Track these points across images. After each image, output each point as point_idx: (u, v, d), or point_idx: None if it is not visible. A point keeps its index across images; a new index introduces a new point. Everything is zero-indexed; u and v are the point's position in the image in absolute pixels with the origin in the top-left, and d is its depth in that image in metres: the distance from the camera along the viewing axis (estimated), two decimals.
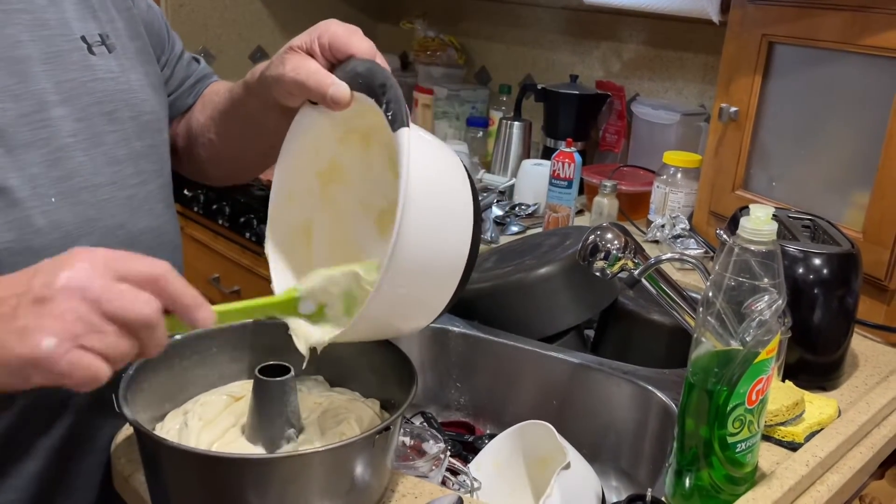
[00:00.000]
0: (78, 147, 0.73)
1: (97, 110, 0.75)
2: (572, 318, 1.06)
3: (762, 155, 1.27)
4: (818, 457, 0.76)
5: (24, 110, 0.69)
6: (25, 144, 0.69)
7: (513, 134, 1.76)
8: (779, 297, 0.65)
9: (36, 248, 0.69)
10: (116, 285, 0.51)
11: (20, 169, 0.68)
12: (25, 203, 0.68)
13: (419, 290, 0.63)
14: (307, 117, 0.71)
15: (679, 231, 1.37)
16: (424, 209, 0.59)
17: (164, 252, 0.80)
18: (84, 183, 0.73)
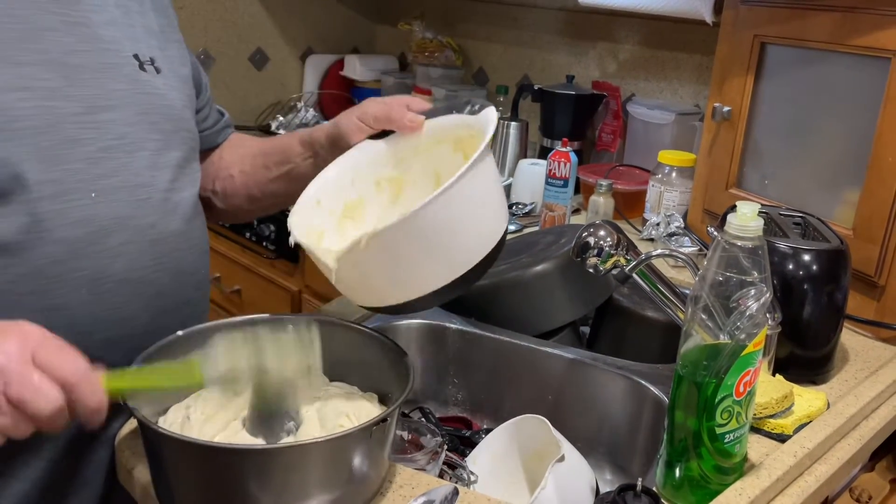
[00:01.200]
0: (121, 149, 0.78)
1: (142, 119, 0.80)
2: (568, 315, 1.08)
3: (755, 154, 1.28)
4: (806, 448, 0.78)
5: (73, 110, 0.75)
6: (70, 141, 0.74)
7: (510, 134, 1.78)
8: (766, 291, 0.67)
9: (70, 240, 0.73)
10: (31, 375, 0.56)
11: (64, 163, 0.73)
12: (64, 196, 0.73)
13: (432, 247, 0.72)
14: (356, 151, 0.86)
15: (674, 229, 1.39)
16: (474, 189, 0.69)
17: (192, 254, 0.86)
18: (123, 182, 0.78)
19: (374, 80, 2.28)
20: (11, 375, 0.56)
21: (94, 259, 0.75)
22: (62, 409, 0.58)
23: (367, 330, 0.81)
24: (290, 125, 2.12)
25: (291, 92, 2.31)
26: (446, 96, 2.01)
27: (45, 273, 0.72)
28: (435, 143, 0.85)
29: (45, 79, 0.73)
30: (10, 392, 0.56)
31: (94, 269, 0.74)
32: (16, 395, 0.56)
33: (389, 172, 0.81)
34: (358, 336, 0.80)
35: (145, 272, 0.79)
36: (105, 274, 0.75)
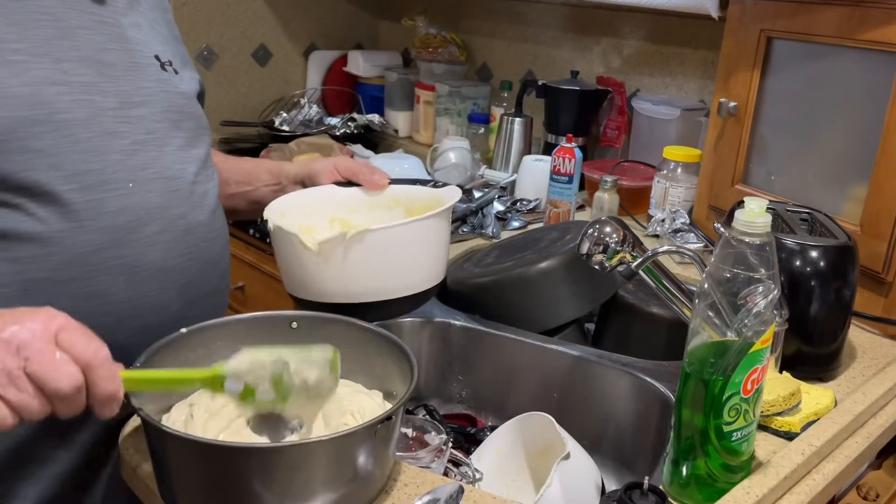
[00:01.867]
0: (152, 143, 0.81)
1: (168, 116, 0.84)
2: (573, 312, 1.08)
3: (761, 149, 1.28)
4: (814, 446, 0.77)
5: (109, 105, 0.78)
6: (108, 133, 0.77)
7: (514, 130, 1.77)
8: (774, 288, 0.67)
9: (110, 229, 0.76)
10: (53, 352, 0.57)
11: (104, 154, 0.76)
12: (104, 186, 0.76)
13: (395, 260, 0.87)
14: (321, 189, 0.99)
15: (679, 225, 1.38)
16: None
17: (217, 245, 0.88)
18: (156, 174, 0.81)
19: (378, 76, 2.27)
20: (33, 352, 0.56)
21: (131, 248, 0.77)
22: (80, 390, 0.58)
23: (371, 327, 0.80)
24: (293, 122, 2.11)
25: (295, 88, 2.30)
26: (450, 92, 2.01)
27: (85, 261, 0.74)
28: (391, 203, 0.99)
29: (82, 74, 0.76)
30: (30, 368, 0.56)
31: (132, 257, 0.77)
32: (36, 370, 0.56)
33: (343, 215, 0.92)
34: (362, 333, 0.80)
35: (178, 261, 0.81)
36: (142, 262, 0.78)
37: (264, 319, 0.80)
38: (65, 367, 0.57)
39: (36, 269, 0.72)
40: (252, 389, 0.65)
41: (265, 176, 1.04)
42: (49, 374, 0.56)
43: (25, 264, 0.72)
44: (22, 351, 0.56)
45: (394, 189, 0.99)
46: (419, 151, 1.98)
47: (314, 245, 0.82)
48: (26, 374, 0.56)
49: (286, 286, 0.91)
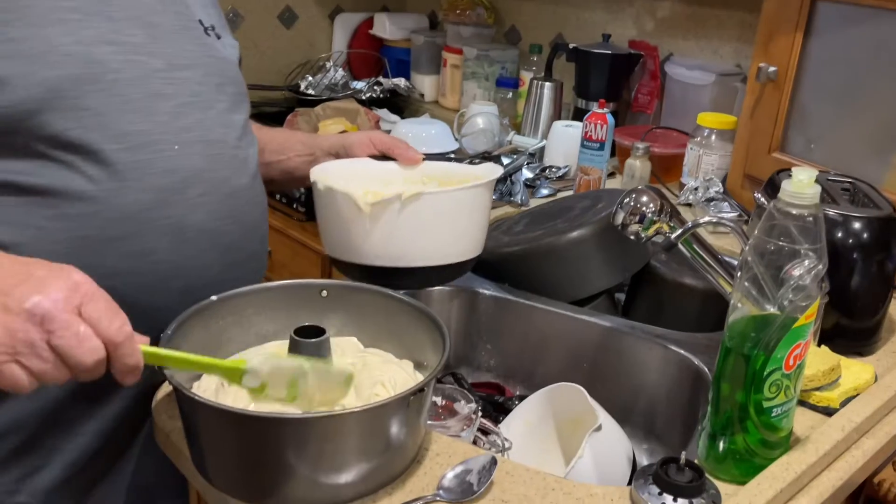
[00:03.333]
0: (196, 106, 0.81)
1: (211, 80, 0.84)
2: (604, 282, 1.06)
3: (801, 116, 1.24)
4: (854, 422, 0.75)
5: (157, 66, 0.78)
6: (155, 94, 0.77)
7: (543, 95, 1.74)
8: (819, 262, 0.64)
9: (157, 189, 0.76)
10: (76, 324, 0.57)
11: (151, 115, 0.77)
12: (152, 146, 0.76)
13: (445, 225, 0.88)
14: (356, 161, 0.99)
15: (712, 194, 1.35)
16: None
17: (257, 209, 0.89)
18: (200, 137, 0.80)
19: (404, 38, 2.23)
20: (57, 325, 0.56)
21: (176, 208, 0.77)
22: (102, 363, 0.58)
23: (402, 297, 0.79)
24: (319, 85, 2.09)
25: (320, 51, 2.28)
26: (477, 56, 1.97)
27: (132, 220, 0.75)
28: (424, 178, 0.98)
29: (131, 34, 0.77)
30: (53, 341, 0.56)
31: (177, 218, 0.77)
32: (60, 344, 0.56)
33: (376, 186, 0.89)
34: (392, 303, 0.79)
35: (221, 224, 0.82)
36: (186, 223, 0.78)
37: (295, 287, 0.80)
38: (88, 342, 0.57)
39: (84, 226, 0.73)
40: (265, 385, 0.67)
41: (298, 146, 1.03)
42: (73, 348, 0.56)
43: (74, 221, 0.73)
44: (46, 323, 0.56)
45: (428, 165, 0.99)
46: (445, 116, 1.96)
47: (366, 206, 0.83)
48: (49, 346, 0.56)
49: (326, 247, 0.92)
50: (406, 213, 0.83)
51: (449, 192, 0.87)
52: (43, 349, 0.56)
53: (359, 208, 0.83)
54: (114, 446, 0.83)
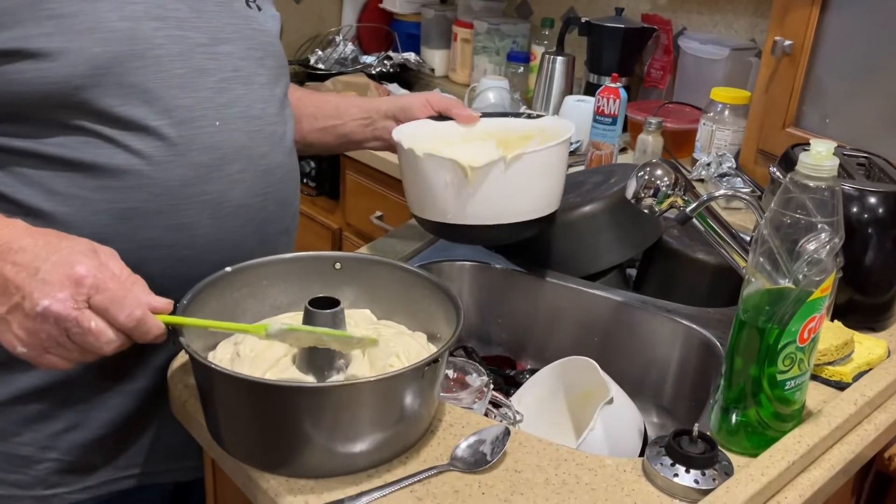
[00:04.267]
0: (238, 81, 0.81)
1: (253, 54, 0.83)
2: (616, 257, 1.06)
3: (816, 91, 1.22)
4: (866, 396, 0.75)
5: (200, 41, 0.78)
6: (199, 70, 0.77)
7: (555, 69, 1.72)
8: (835, 235, 0.64)
9: (199, 164, 0.77)
10: (88, 320, 0.61)
11: (194, 91, 0.77)
12: (194, 122, 0.76)
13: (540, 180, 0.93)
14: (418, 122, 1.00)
15: (725, 170, 1.34)
16: None
17: (291, 185, 0.89)
18: (241, 113, 0.81)
19: (415, 12, 2.21)
20: (69, 322, 0.60)
21: (217, 184, 0.78)
22: (123, 346, 0.63)
23: (414, 269, 0.79)
24: (328, 60, 2.08)
25: (330, 25, 2.26)
26: (488, 29, 1.95)
27: (174, 194, 0.76)
28: (484, 136, 0.99)
29: (176, 9, 0.77)
30: (73, 336, 0.61)
31: (217, 193, 0.78)
32: (79, 340, 0.61)
33: (440, 147, 0.92)
34: (405, 275, 0.79)
35: (257, 200, 0.82)
36: (226, 198, 0.79)
37: (308, 259, 0.80)
38: (104, 336, 0.61)
39: (127, 199, 0.74)
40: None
41: (354, 110, 1.03)
42: (90, 342, 0.61)
43: (118, 193, 0.74)
44: (60, 323, 0.60)
45: (485, 122, 1.01)
46: (456, 91, 1.94)
47: (472, 171, 0.86)
48: (70, 339, 0.61)
49: (415, 209, 0.95)
50: (509, 172, 0.87)
51: (543, 150, 0.89)
52: (66, 342, 0.61)
53: (465, 173, 0.86)
54: (146, 410, 0.84)
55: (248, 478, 0.66)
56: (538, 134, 0.98)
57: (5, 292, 0.62)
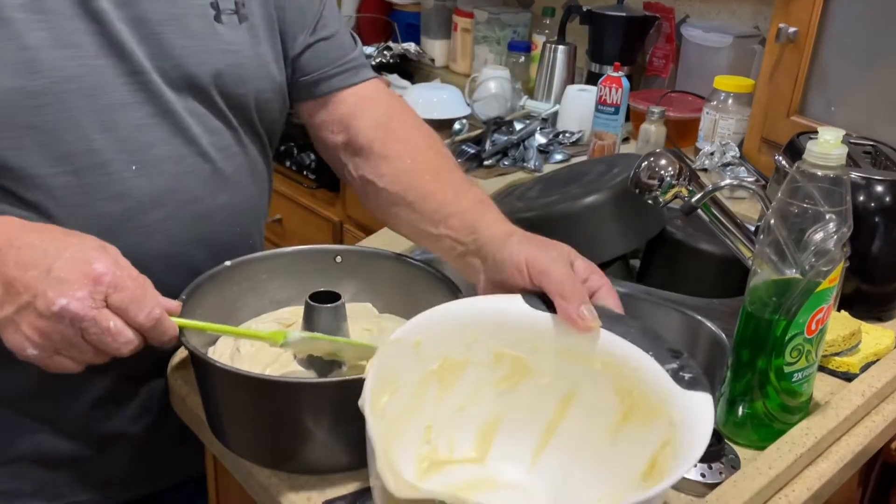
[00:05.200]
0: (174, 115, 0.70)
1: (209, 81, 0.72)
2: (619, 248, 1.05)
3: (821, 78, 1.21)
4: (874, 387, 0.75)
5: (126, 68, 0.67)
6: (118, 104, 0.67)
7: (557, 58, 1.71)
8: (843, 224, 0.63)
9: (102, 214, 0.69)
10: (105, 320, 0.57)
11: (109, 130, 0.67)
12: (103, 168, 0.68)
13: None
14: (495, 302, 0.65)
15: (729, 159, 1.33)
16: None
17: (241, 224, 0.79)
18: (171, 152, 0.71)
19: (414, 2, 2.19)
20: (86, 322, 0.57)
21: (130, 236, 0.70)
22: (139, 347, 0.60)
23: (417, 262, 0.79)
24: None
25: None
26: (489, 19, 1.93)
27: None
28: (591, 360, 0.62)
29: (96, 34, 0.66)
30: (89, 337, 0.57)
31: (131, 245, 0.66)
32: (95, 341, 0.58)
33: (517, 351, 0.63)
34: (407, 269, 0.78)
35: (184, 248, 0.74)
36: (140, 250, 0.68)
37: (308, 253, 0.79)
38: (122, 336, 0.58)
39: None
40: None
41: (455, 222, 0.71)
42: (107, 343, 0.58)
43: None
44: (77, 323, 0.56)
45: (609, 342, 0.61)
46: (457, 81, 1.93)
47: None
48: (85, 340, 0.58)
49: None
50: None
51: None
52: (80, 343, 0.58)
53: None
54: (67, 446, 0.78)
55: (249, 474, 0.66)
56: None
57: (11, 292, 0.57)
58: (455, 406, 0.64)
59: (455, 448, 0.64)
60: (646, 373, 0.59)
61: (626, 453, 0.59)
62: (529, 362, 0.64)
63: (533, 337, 0.63)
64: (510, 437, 0.65)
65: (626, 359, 0.60)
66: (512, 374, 0.64)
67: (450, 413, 0.64)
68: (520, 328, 0.63)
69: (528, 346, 0.63)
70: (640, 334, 0.61)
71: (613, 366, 0.61)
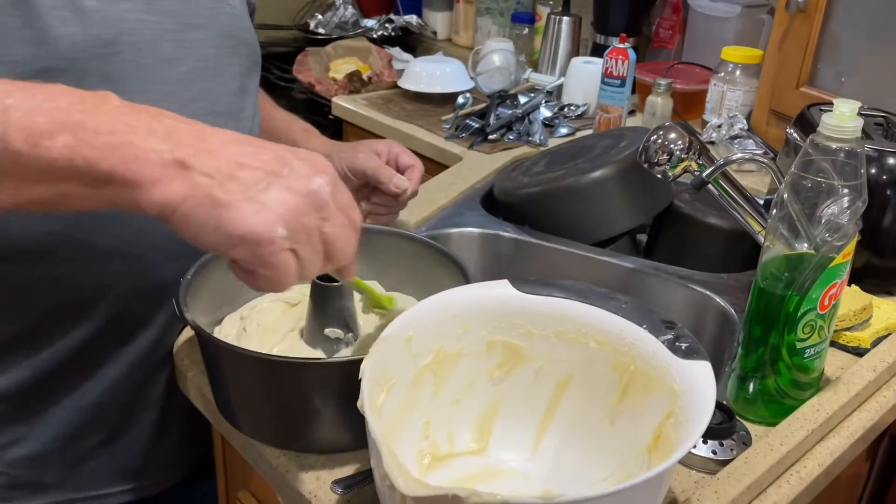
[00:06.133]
0: (206, 73, 0.74)
1: (224, 42, 0.76)
2: (626, 223, 1.04)
3: (832, 48, 1.19)
4: (886, 362, 0.74)
5: (168, 27, 0.71)
6: (166, 60, 0.71)
7: (561, 30, 1.68)
8: (858, 199, 0.62)
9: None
10: (340, 214, 0.50)
11: (160, 84, 0.70)
12: None
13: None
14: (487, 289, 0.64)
15: (737, 131, 1.31)
16: None
17: None
18: (205, 109, 0.74)
19: None
20: (329, 211, 0.49)
21: None
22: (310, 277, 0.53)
23: (423, 239, 0.78)
24: (328, 24, 2.04)
25: None
26: None
27: None
28: (585, 339, 0.62)
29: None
30: (325, 228, 0.49)
31: None
32: (330, 233, 0.50)
33: (509, 337, 0.63)
34: (413, 245, 0.78)
35: None
36: None
37: None
38: (354, 236, 0.51)
39: None
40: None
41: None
42: (342, 240, 0.50)
43: None
44: (321, 210, 0.49)
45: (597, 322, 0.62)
46: (459, 54, 1.90)
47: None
48: (321, 235, 0.49)
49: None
50: None
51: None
52: (317, 238, 0.49)
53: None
54: (95, 426, 0.79)
55: (257, 454, 0.66)
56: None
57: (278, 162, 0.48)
58: (451, 399, 0.64)
59: (455, 441, 0.64)
60: (642, 346, 0.59)
61: (629, 429, 0.59)
62: (523, 347, 0.64)
63: (524, 321, 0.63)
64: (509, 424, 0.65)
65: (621, 334, 0.60)
66: (506, 360, 0.64)
67: (447, 406, 0.63)
68: (511, 313, 0.63)
69: (520, 331, 0.63)
70: (631, 308, 0.62)
71: (608, 342, 0.61)
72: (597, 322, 0.61)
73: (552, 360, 0.63)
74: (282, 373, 0.61)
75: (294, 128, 0.95)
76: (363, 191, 0.87)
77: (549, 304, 0.63)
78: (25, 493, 0.78)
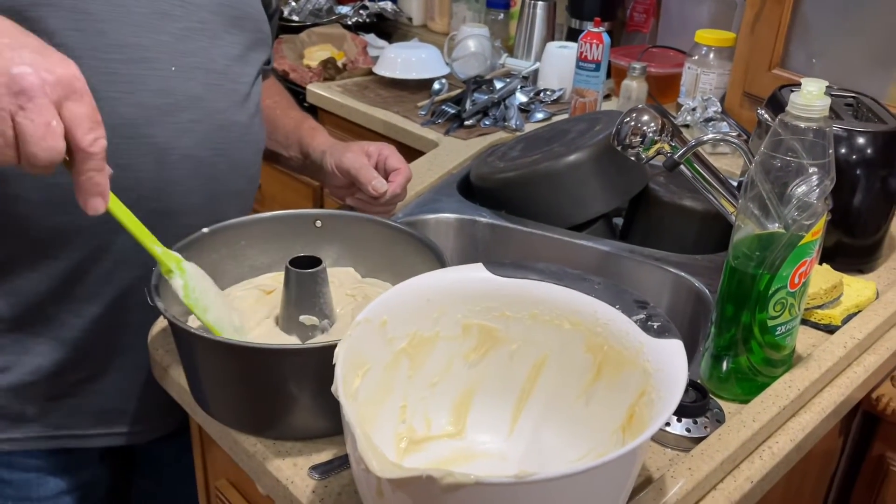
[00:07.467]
0: (203, 34, 0.78)
1: (228, 11, 0.81)
2: (602, 206, 1.04)
3: (803, 30, 1.20)
4: (856, 338, 0.75)
5: None
6: (161, 13, 0.75)
7: (536, 15, 1.68)
8: (826, 177, 0.63)
9: (147, 106, 0.74)
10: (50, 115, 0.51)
11: (153, 32, 0.75)
12: (148, 63, 0.74)
13: None
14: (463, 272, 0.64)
15: (711, 114, 1.32)
16: None
17: (250, 149, 0.86)
18: (200, 64, 0.78)
19: None
20: (32, 103, 0.50)
21: (164, 130, 0.75)
22: (54, 165, 0.53)
23: (399, 225, 0.78)
24: (302, 11, 2.02)
25: None
26: None
27: (118, 132, 0.70)
28: (559, 320, 0.63)
29: None
30: (19, 118, 0.50)
31: (163, 139, 0.75)
32: (25, 124, 0.50)
33: (484, 320, 0.63)
34: (389, 232, 0.78)
35: (207, 154, 0.79)
36: (172, 146, 0.76)
37: (288, 218, 0.78)
38: (52, 140, 0.51)
39: None
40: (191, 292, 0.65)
41: (296, 147, 0.97)
42: (36, 138, 0.51)
43: None
44: (21, 96, 0.50)
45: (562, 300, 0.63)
46: (435, 41, 1.90)
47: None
48: (13, 121, 0.50)
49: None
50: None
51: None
52: (6, 122, 0.50)
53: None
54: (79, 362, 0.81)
55: (234, 441, 0.65)
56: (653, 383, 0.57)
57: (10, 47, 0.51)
58: (427, 382, 0.64)
59: (432, 424, 0.64)
60: (615, 326, 0.60)
61: (603, 409, 0.60)
62: (498, 330, 0.64)
63: (499, 304, 0.64)
64: (485, 407, 0.65)
65: (594, 314, 0.61)
66: (481, 343, 0.65)
67: (423, 390, 0.64)
68: (485, 297, 0.63)
69: (494, 313, 0.64)
70: (604, 289, 0.62)
71: (582, 323, 0.62)
72: (570, 304, 0.62)
73: (527, 342, 0.64)
74: (256, 360, 0.61)
75: (302, 125, 0.98)
76: (351, 188, 0.90)
77: (523, 286, 0.63)
78: (6, 423, 0.81)
